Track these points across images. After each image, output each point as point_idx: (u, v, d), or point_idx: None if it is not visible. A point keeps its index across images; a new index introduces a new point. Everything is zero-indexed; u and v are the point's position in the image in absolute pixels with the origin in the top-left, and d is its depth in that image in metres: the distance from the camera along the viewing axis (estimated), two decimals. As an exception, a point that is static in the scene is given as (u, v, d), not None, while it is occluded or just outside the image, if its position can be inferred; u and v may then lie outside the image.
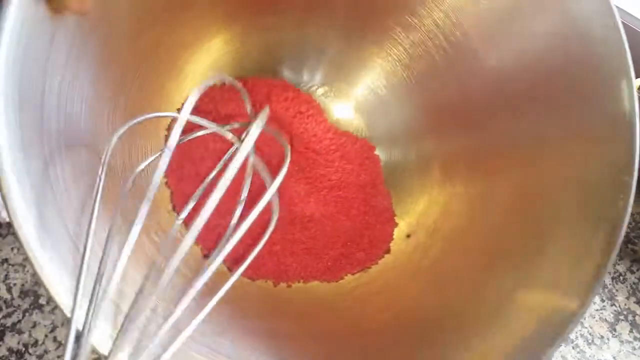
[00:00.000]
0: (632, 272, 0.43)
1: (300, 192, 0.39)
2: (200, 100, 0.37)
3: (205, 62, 0.37)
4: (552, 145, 0.30)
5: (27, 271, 0.37)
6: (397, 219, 0.40)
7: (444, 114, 0.37)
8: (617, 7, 0.26)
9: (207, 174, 0.35)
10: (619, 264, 0.44)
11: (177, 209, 0.35)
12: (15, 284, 0.36)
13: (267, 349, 0.29)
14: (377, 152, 0.42)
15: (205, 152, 0.37)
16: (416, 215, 0.39)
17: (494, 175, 0.34)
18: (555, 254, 0.27)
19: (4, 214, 0.35)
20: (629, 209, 0.25)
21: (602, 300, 0.42)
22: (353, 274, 0.38)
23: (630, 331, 0.41)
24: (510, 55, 0.31)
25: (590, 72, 0.27)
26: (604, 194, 0.26)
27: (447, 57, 0.35)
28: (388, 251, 0.38)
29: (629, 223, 0.45)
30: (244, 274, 0.35)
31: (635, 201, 0.45)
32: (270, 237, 0.36)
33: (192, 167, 0.36)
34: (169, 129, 0.36)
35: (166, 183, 0.35)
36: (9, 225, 0.38)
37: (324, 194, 0.39)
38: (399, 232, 0.39)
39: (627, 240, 0.45)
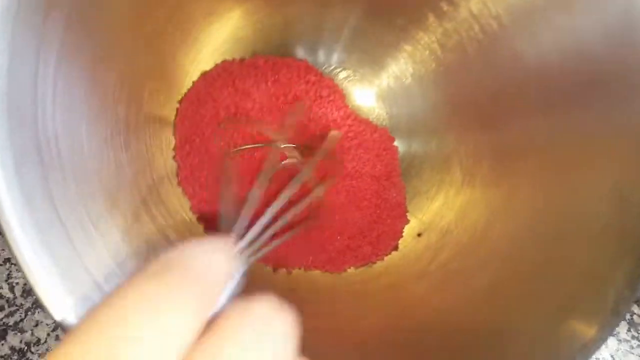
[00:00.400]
0: None
1: (313, 177, 0.37)
2: (218, 74, 0.36)
3: (224, 33, 0.35)
4: (588, 151, 0.27)
5: None
6: (409, 216, 0.38)
7: (470, 109, 0.35)
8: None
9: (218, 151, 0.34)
10: None
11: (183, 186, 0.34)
12: (17, 283, 0.36)
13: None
14: (396, 143, 0.40)
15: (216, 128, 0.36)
16: (430, 214, 0.37)
17: (519, 179, 0.31)
18: (574, 275, 0.25)
19: None
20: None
21: None
22: (357, 268, 0.36)
23: (628, 330, 0.40)
24: (549, 51, 0.29)
25: (637, 74, 0.24)
26: (635, 215, 0.23)
27: (481, 50, 0.32)
28: (396, 248, 0.37)
29: None
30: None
31: None
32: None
33: (201, 143, 0.35)
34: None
35: (173, 157, 0.34)
36: None
37: (337, 181, 0.38)
38: (409, 230, 0.37)
39: None
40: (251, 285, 0.33)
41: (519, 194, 0.31)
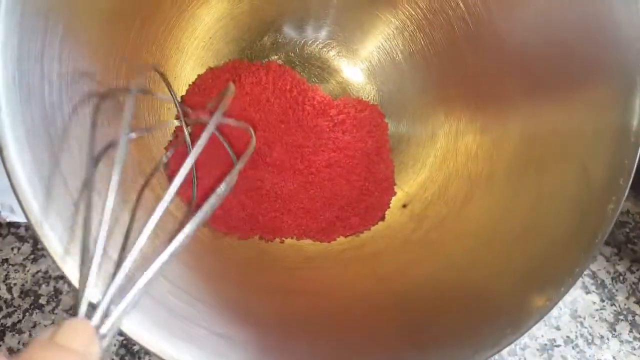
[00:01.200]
0: (632, 272, 0.43)
1: (309, 145, 0.39)
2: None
3: (220, 9, 0.36)
4: (560, 135, 0.29)
5: (28, 271, 0.37)
6: (396, 188, 0.40)
7: (457, 89, 0.37)
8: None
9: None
10: (618, 264, 0.43)
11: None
12: (15, 284, 0.36)
13: (251, 301, 0.31)
14: (386, 120, 0.41)
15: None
16: (415, 187, 0.39)
17: (498, 158, 0.33)
18: (541, 244, 0.27)
19: (4, 214, 0.35)
20: (616, 215, 0.24)
21: (602, 300, 0.41)
22: (345, 237, 0.38)
23: (630, 331, 0.40)
24: (530, 34, 0.30)
25: (606, 67, 0.26)
26: (598, 194, 0.25)
27: (467, 30, 0.34)
28: (383, 219, 0.39)
29: (629, 223, 0.44)
30: (238, 230, 0.36)
31: (635, 201, 0.44)
32: (268, 193, 0.37)
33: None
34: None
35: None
36: (9, 225, 0.38)
37: (331, 155, 0.39)
38: (395, 201, 0.39)
39: (627, 240, 0.44)
40: (244, 254, 0.35)
41: (498, 171, 0.33)
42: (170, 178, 0.35)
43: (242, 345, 0.25)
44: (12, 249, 0.38)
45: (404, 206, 0.38)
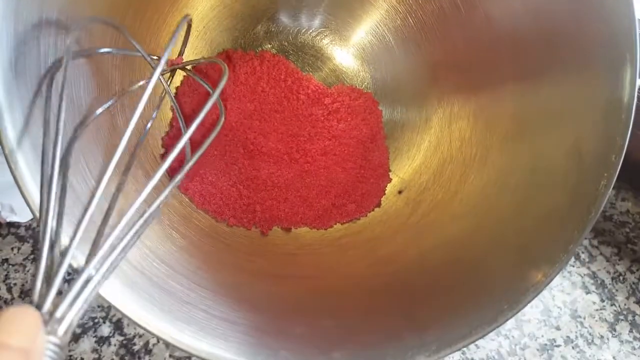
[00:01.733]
0: (632, 272, 0.43)
1: (304, 134, 0.39)
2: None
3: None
4: (553, 113, 0.29)
5: (28, 271, 0.37)
6: (391, 175, 0.40)
7: (449, 73, 0.37)
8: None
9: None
10: (618, 264, 0.43)
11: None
12: (15, 284, 0.36)
13: (248, 286, 0.31)
14: (380, 107, 0.42)
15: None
16: (410, 173, 0.39)
17: (492, 139, 0.34)
18: (535, 220, 0.28)
19: (4, 214, 0.35)
20: (608, 192, 0.24)
21: (602, 300, 0.41)
22: (342, 224, 0.38)
23: (630, 331, 0.40)
24: (520, 15, 0.30)
25: (595, 44, 0.26)
26: (590, 171, 0.26)
27: (458, 12, 0.34)
28: (379, 205, 0.39)
29: (629, 223, 0.44)
30: (236, 222, 0.36)
31: (635, 201, 0.44)
32: (264, 182, 0.38)
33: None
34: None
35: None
36: (9, 225, 0.38)
37: (326, 143, 0.39)
38: (391, 188, 0.39)
39: (627, 240, 0.45)
40: (242, 241, 0.35)
41: (491, 153, 0.33)
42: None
43: (240, 328, 0.25)
44: (12, 249, 0.38)
45: (400, 192, 0.39)
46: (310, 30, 0.41)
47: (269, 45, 0.41)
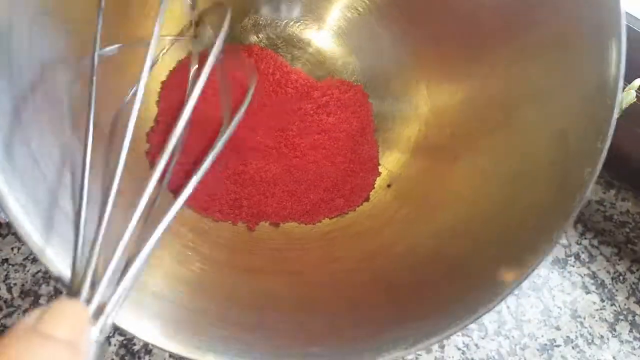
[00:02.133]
0: (632, 272, 0.43)
1: (293, 129, 0.39)
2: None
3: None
4: (539, 101, 0.29)
5: (28, 271, 0.37)
6: (380, 168, 0.39)
7: (436, 61, 0.37)
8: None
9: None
10: (618, 264, 0.43)
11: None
12: (15, 284, 0.36)
13: (235, 280, 0.30)
14: (370, 100, 0.41)
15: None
16: (399, 166, 0.38)
17: (480, 129, 0.33)
18: (522, 209, 0.27)
19: (4, 214, 0.35)
20: (593, 179, 0.24)
21: (602, 300, 0.41)
22: (330, 219, 0.38)
23: (630, 331, 0.40)
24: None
25: (581, 25, 0.26)
26: (576, 157, 0.25)
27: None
28: (367, 199, 0.38)
29: (629, 223, 0.44)
30: (222, 217, 0.36)
31: (635, 201, 0.44)
32: (252, 177, 0.37)
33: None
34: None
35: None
36: (9, 225, 0.37)
37: (316, 137, 0.39)
38: (380, 181, 0.39)
39: (627, 240, 0.44)
40: (229, 236, 0.35)
41: (480, 142, 0.33)
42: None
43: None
44: (12, 249, 0.38)
45: (389, 186, 0.38)
46: (298, 23, 0.41)
47: (257, 38, 0.41)
